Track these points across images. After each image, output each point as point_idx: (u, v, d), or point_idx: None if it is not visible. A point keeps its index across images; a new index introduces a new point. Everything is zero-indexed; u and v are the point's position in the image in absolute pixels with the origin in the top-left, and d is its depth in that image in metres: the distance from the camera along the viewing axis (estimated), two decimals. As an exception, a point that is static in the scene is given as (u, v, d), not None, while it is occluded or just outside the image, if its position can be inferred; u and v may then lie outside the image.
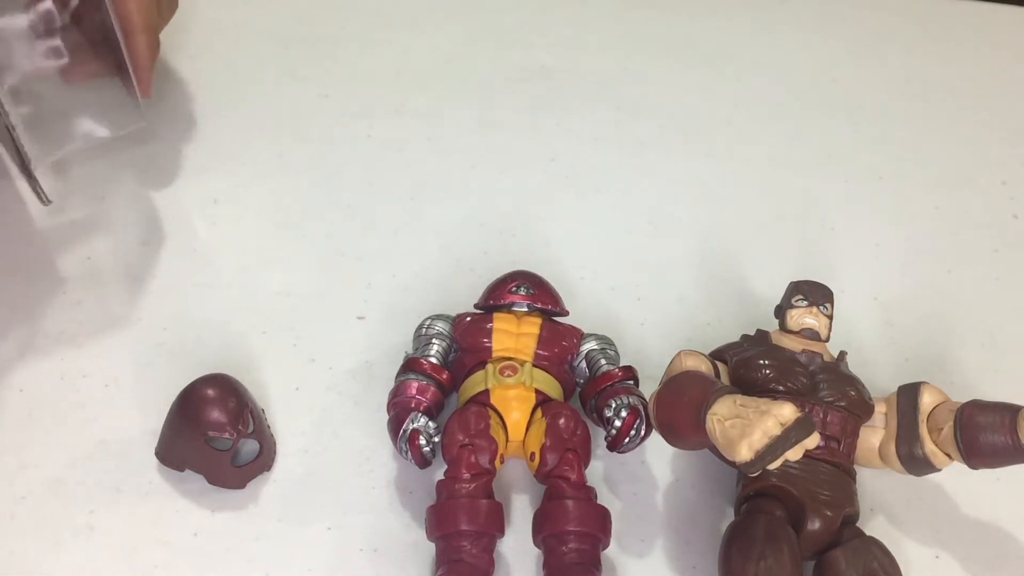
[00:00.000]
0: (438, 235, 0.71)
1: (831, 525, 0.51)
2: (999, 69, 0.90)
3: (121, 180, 0.72)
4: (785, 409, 0.45)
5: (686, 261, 0.70)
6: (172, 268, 0.67)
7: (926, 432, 0.54)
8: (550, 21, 0.91)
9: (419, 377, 0.56)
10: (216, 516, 0.54)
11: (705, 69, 0.87)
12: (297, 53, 0.85)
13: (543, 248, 0.70)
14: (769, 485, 0.52)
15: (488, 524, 0.51)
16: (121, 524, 0.53)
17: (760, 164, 0.79)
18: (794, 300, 0.57)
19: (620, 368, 0.58)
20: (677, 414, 0.50)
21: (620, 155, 0.78)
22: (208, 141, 0.76)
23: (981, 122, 0.84)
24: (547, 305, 0.59)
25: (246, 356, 0.62)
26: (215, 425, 0.52)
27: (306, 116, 0.79)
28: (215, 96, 0.80)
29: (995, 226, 0.75)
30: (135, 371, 0.60)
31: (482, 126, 0.80)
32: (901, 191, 0.77)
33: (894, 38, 0.92)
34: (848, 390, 0.54)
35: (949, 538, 0.56)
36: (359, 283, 0.67)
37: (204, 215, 0.71)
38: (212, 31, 0.86)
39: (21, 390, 0.59)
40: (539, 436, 0.54)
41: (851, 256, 0.72)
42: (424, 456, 0.54)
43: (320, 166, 0.75)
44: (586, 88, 0.84)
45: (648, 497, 0.57)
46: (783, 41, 0.91)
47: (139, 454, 0.56)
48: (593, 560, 0.50)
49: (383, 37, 0.87)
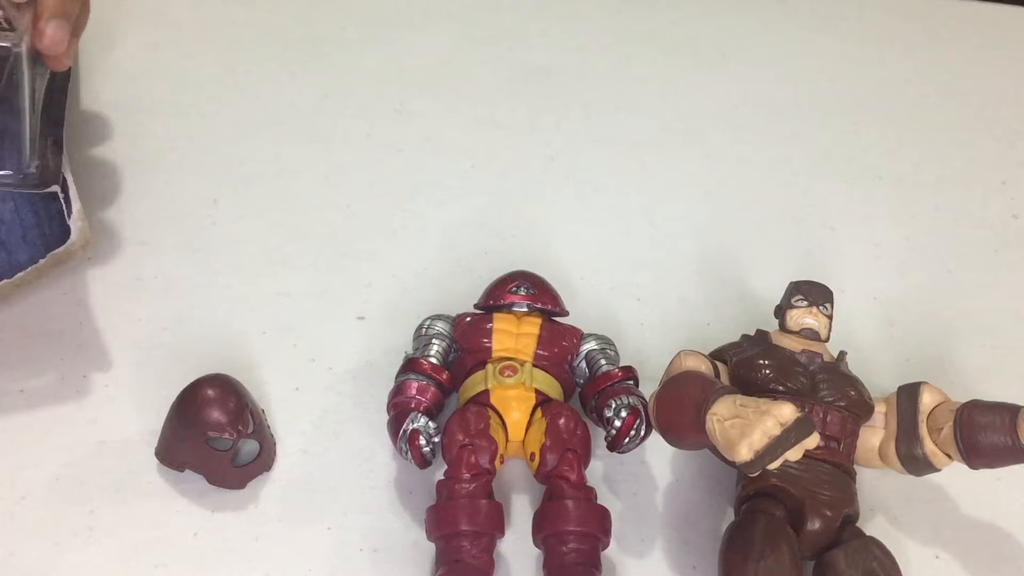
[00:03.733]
0: (438, 235, 0.71)
1: (831, 525, 0.51)
2: (999, 69, 0.90)
3: (121, 180, 0.72)
4: (785, 409, 0.45)
5: (686, 261, 0.70)
6: (172, 268, 0.67)
7: (926, 432, 0.54)
8: (550, 21, 0.91)
9: (419, 377, 0.56)
10: (216, 516, 0.54)
11: (705, 69, 0.87)
12: (297, 53, 0.85)
13: (543, 248, 0.70)
14: (769, 485, 0.52)
15: (488, 524, 0.51)
16: (121, 524, 0.53)
17: (760, 164, 0.79)
18: (794, 300, 0.57)
19: (620, 368, 0.58)
20: (677, 414, 0.50)
21: (620, 155, 0.78)
22: (208, 141, 0.76)
23: (981, 122, 0.84)
24: (547, 305, 0.59)
25: (246, 356, 0.62)
26: (215, 425, 0.52)
27: (306, 116, 0.79)
28: (215, 96, 0.80)
29: (995, 226, 0.75)
30: (135, 371, 0.60)
31: (482, 126, 0.80)
32: (901, 191, 0.77)
33: (894, 38, 0.92)
34: (848, 390, 0.54)
35: (949, 538, 0.56)
36: (359, 283, 0.67)
37: (204, 215, 0.71)
38: (212, 31, 0.86)
39: (21, 390, 0.59)
40: (539, 436, 0.54)
41: (851, 256, 0.72)
42: (424, 456, 0.54)
43: (320, 166, 0.75)
44: (586, 88, 0.84)
45: (648, 497, 0.57)
46: (783, 41, 0.91)
47: (139, 454, 0.56)
48: (593, 560, 0.50)
49: (383, 37, 0.87)
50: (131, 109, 0.78)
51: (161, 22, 0.86)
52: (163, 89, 0.80)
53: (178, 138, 0.76)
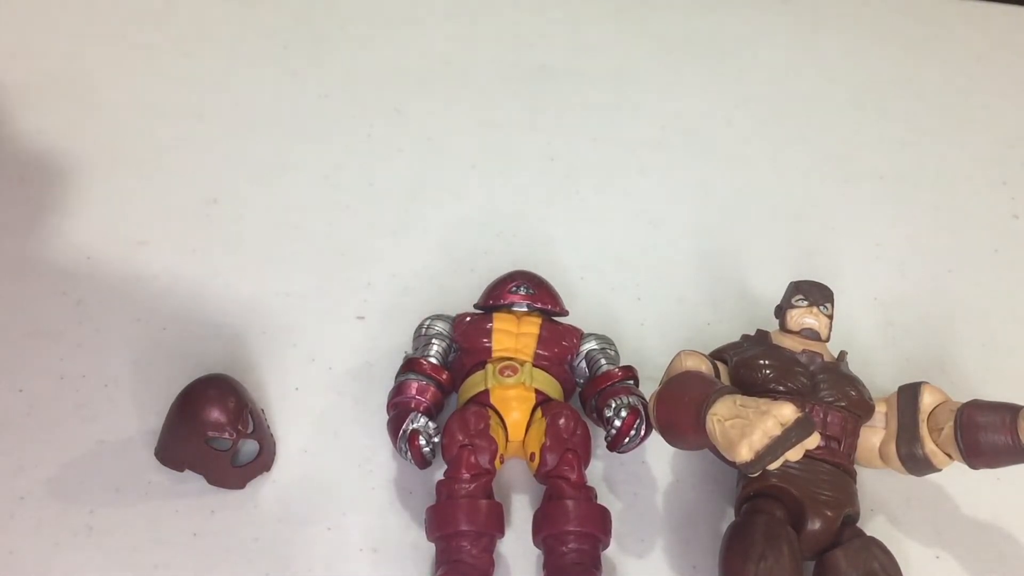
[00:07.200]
0: (438, 235, 0.71)
1: (831, 525, 0.51)
2: (999, 69, 0.90)
3: (120, 179, 0.72)
4: (785, 409, 0.45)
5: (686, 261, 0.70)
6: (172, 268, 0.67)
7: (926, 432, 0.54)
8: (550, 21, 0.91)
9: (419, 377, 0.56)
10: (216, 516, 0.54)
11: (705, 69, 0.87)
12: (297, 53, 0.85)
13: (543, 248, 0.70)
14: (769, 485, 0.52)
15: (488, 524, 0.51)
16: (121, 524, 0.53)
17: (760, 164, 0.79)
18: (794, 300, 0.57)
19: (620, 368, 0.58)
20: (677, 414, 0.50)
21: (620, 155, 0.78)
22: (208, 141, 0.76)
23: (981, 122, 0.84)
24: (547, 305, 0.59)
25: (246, 356, 0.62)
26: (215, 425, 0.52)
27: (306, 116, 0.79)
28: (215, 96, 0.80)
29: (995, 226, 0.75)
30: (135, 371, 0.60)
31: (482, 126, 0.80)
32: (901, 191, 0.77)
33: (894, 38, 0.92)
34: (848, 390, 0.54)
35: (949, 538, 0.56)
36: (359, 283, 0.67)
37: (203, 215, 0.70)
38: (212, 31, 0.86)
39: (21, 390, 0.59)
40: (539, 436, 0.54)
41: (851, 256, 0.72)
42: (424, 456, 0.54)
43: (320, 166, 0.75)
44: (586, 88, 0.84)
45: (648, 497, 0.57)
46: (783, 41, 0.91)
47: (138, 454, 0.56)
48: (593, 560, 0.50)
49: (383, 37, 0.87)
50: (131, 109, 0.78)
51: (161, 22, 0.86)
52: (163, 89, 0.80)
53: (178, 138, 0.76)
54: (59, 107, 0.77)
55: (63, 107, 0.77)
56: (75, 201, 0.70)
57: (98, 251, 0.67)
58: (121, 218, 0.70)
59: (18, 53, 0.82)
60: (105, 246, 0.68)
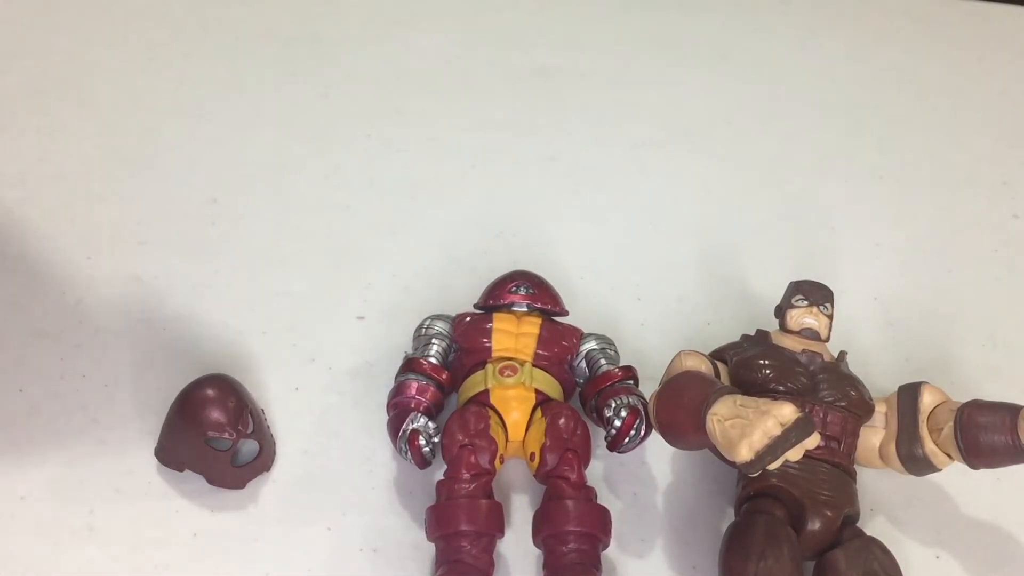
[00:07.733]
0: (438, 235, 0.71)
1: (831, 525, 0.51)
2: (999, 69, 0.90)
3: (121, 179, 0.72)
4: (785, 409, 0.45)
5: (686, 261, 0.70)
6: (172, 268, 0.67)
7: (926, 432, 0.54)
8: (550, 21, 0.91)
9: (419, 377, 0.56)
10: (216, 516, 0.54)
11: (705, 69, 0.87)
12: (297, 53, 0.85)
13: (543, 248, 0.70)
14: (769, 485, 0.52)
15: (488, 524, 0.51)
16: (121, 524, 0.53)
17: (760, 164, 0.79)
18: (794, 300, 0.57)
19: (620, 368, 0.58)
20: (677, 414, 0.50)
21: (620, 155, 0.78)
22: (208, 140, 0.76)
23: (981, 122, 0.84)
24: (547, 305, 0.59)
25: (246, 356, 0.62)
26: (215, 425, 0.52)
27: (306, 116, 0.79)
28: (214, 96, 0.80)
29: (995, 226, 0.75)
30: (135, 371, 0.60)
31: (482, 126, 0.80)
32: (901, 191, 0.77)
33: (894, 38, 0.92)
34: (848, 390, 0.54)
35: (949, 538, 0.56)
36: (359, 283, 0.67)
37: (204, 215, 0.70)
38: (211, 31, 0.86)
39: (21, 390, 0.59)
40: (539, 436, 0.54)
41: (851, 256, 0.72)
42: (424, 456, 0.54)
43: (320, 166, 0.75)
44: (586, 88, 0.84)
45: (648, 497, 0.57)
46: (783, 41, 0.91)
47: (138, 454, 0.56)
48: (593, 560, 0.50)
49: (383, 37, 0.87)
50: (131, 109, 0.78)
51: (161, 22, 0.86)
52: (163, 89, 0.80)
53: (178, 138, 0.76)
54: (59, 107, 0.77)
55: (63, 107, 0.78)
56: (75, 201, 0.70)
57: (98, 251, 0.67)
58: (121, 218, 0.70)
59: (18, 53, 0.82)
60: (105, 246, 0.68)
